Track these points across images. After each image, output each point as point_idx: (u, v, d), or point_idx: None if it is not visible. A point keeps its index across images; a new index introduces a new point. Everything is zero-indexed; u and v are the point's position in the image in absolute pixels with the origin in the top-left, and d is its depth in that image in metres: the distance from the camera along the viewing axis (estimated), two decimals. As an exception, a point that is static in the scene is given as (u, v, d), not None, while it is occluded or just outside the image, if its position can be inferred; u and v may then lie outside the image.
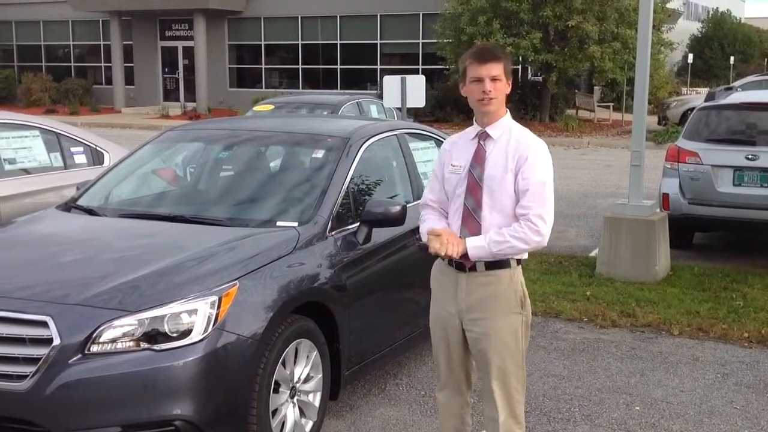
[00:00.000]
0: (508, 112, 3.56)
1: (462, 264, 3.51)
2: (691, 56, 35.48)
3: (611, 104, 27.95)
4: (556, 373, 5.50)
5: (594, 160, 17.99)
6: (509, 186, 3.45)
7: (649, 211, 7.94)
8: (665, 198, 8.58)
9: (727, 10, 45.66)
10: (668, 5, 24.60)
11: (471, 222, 3.48)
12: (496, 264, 3.49)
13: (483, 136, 3.52)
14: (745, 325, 6.38)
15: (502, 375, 3.55)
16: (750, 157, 8.18)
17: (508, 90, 3.50)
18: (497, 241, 3.42)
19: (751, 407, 5.01)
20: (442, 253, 3.42)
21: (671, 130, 21.00)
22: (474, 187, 3.48)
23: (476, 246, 3.42)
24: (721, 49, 41.49)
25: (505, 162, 3.46)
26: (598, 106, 27.40)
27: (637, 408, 4.96)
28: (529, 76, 27.21)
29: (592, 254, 8.65)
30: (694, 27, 43.30)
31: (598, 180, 14.75)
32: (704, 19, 45.09)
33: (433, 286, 3.72)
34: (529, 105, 25.25)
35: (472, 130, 3.58)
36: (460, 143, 3.63)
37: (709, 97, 9.53)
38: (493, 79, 3.41)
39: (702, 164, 8.40)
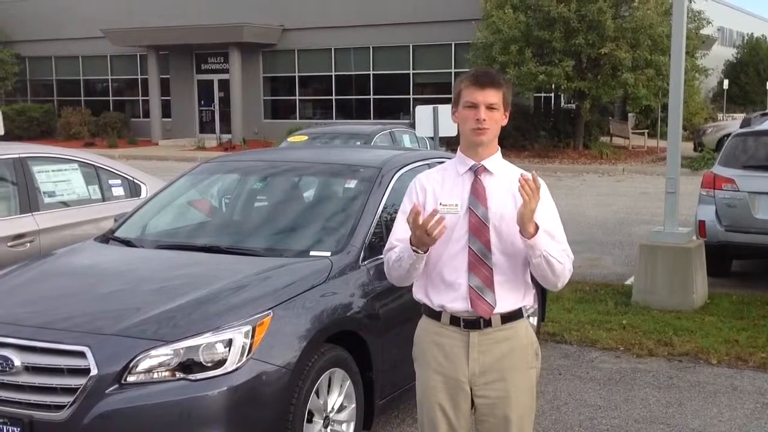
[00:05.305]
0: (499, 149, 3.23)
1: (474, 321, 3.12)
2: (726, 82, 35.20)
3: (646, 131, 27.80)
4: (592, 402, 5.45)
5: (629, 187, 17.87)
6: None
7: (686, 239, 7.86)
8: (701, 225, 8.50)
9: (762, 35, 45.25)
10: (702, 31, 24.47)
11: (481, 268, 3.07)
12: (512, 316, 3.15)
13: (480, 171, 3.14)
14: (786, 354, 6.29)
15: None
16: (787, 183, 8.09)
17: (505, 122, 3.14)
18: (552, 252, 3.02)
19: (792, 438, 4.92)
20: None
21: (707, 156, 20.79)
22: (480, 227, 3.07)
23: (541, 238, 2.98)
24: (757, 75, 41.10)
25: (513, 200, 3.06)
26: (633, 132, 27.26)
27: (676, 438, 4.90)
28: (563, 103, 27.19)
29: (628, 282, 8.57)
30: (729, 53, 42.97)
31: (634, 207, 14.63)
32: (739, 44, 44.75)
33: (425, 351, 3.23)
34: (562, 132, 25.21)
35: (459, 164, 3.20)
36: (445, 179, 3.21)
37: (745, 123, 9.50)
38: (489, 108, 3.06)
39: (739, 191, 8.32)
